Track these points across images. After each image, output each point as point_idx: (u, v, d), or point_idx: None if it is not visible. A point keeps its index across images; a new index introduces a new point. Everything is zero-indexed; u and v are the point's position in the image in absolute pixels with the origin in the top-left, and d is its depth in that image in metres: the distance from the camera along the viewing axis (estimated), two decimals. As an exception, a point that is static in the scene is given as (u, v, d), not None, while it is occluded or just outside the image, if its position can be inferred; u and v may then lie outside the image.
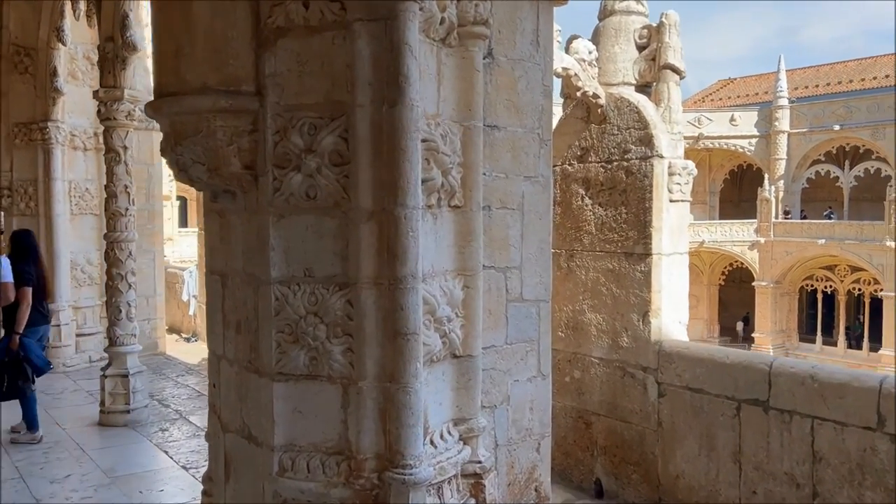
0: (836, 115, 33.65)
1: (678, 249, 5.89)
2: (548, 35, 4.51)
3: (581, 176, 6.29)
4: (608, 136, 6.07)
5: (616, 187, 6.02)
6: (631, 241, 5.93)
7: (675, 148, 5.81)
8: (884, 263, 30.94)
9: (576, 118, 6.33)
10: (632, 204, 5.90)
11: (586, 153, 6.24)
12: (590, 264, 6.25)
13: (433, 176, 2.80)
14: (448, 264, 3.00)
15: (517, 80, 4.28)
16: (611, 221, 6.07)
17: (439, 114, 2.98)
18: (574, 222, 6.36)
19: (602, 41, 6.11)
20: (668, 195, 5.76)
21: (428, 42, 2.88)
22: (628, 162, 5.92)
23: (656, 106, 5.86)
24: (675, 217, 5.83)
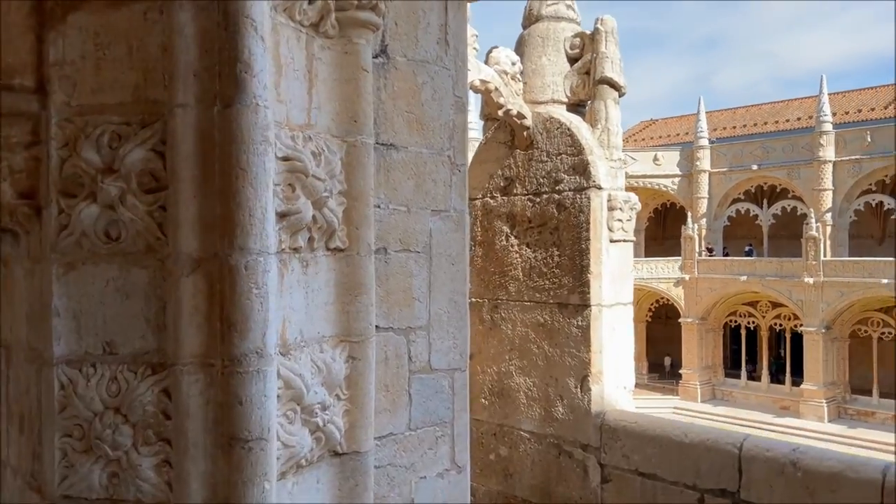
0: (754, 155, 34.21)
1: (621, 299, 4.84)
2: (459, 34, 3.42)
3: (505, 211, 5.21)
4: (536, 164, 5.01)
5: (546, 224, 4.95)
6: (565, 289, 4.85)
7: (615, 178, 4.79)
8: (803, 299, 31.22)
9: (498, 143, 5.26)
10: (565, 244, 4.84)
11: (511, 184, 5.17)
12: (517, 317, 5.13)
13: (298, 208, 2.14)
14: (325, 328, 2.34)
15: (421, 87, 3.20)
16: (541, 265, 4.99)
17: (311, 124, 2.31)
18: (498, 266, 5.25)
19: (527, 52, 5.10)
20: (607, 234, 4.72)
21: (292, 26, 2.21)
22: (560, 194, 4.87)
23: (592, 127, 4.85)
24: (616, 260, 4.79)
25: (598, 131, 4.83)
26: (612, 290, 4.76)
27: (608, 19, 4.80)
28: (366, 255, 2.44)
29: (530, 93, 5.05)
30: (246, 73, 1.84)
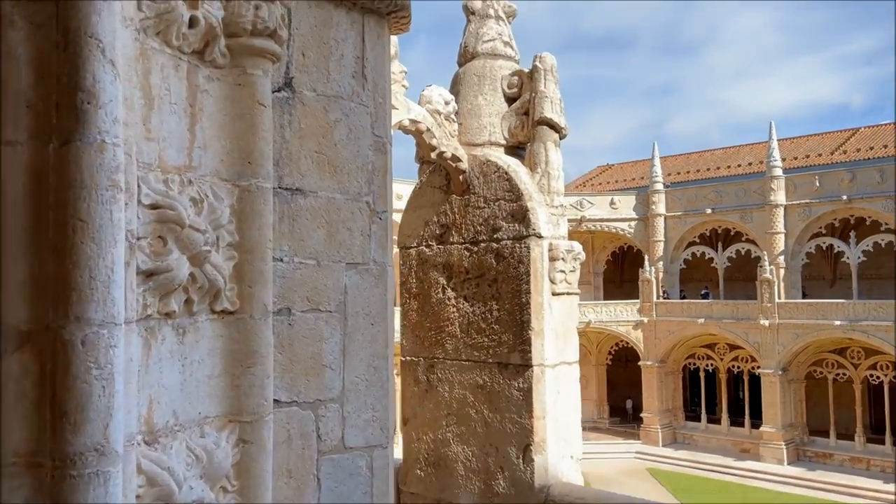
0: (708, 199, 34.60)
1: (566, 358, 4.39)
2: (379, 68, 3.00)
3: (442, 261, 4.76)
4: (473, 210, 4.59)
5: (485, 276, 4.51)
6: (505, 347, 4.39)
7: (556, 225, 4.39)
8: (759, 341, 31.30)
9: (433, 187, 4.84)
10: (505, 298, 4.40)
11: (447, 231, 4.74)
12: (455, 378, 4.64)
13: (170, 265, 1.82)
14: (208, 407, 1.99)
15: (333, 124, 2.79)
16: (479, 321, 4.53)
17: (193, 166, 2.00)
18: (435, 321, 4.78)
19: (463, 91, 4.72)
20: (549, 286, 4.30)
21: (168, 52, 1.91)
22: (499, 243, 4.44)
23: (531, 171, 4.46)
24: (560, 315, 4.36)
25: (538, 175, 4.44)
26: (555, 348, 4.31)
27: (547, 56, 4.46)
28: (261, 317, 2.09)
29: (466, 134, 4.66)
30: (89, 103, 1.53)
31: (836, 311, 29.49)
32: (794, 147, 38.81)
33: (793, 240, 31.96)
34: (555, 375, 4.31)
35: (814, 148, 38.53)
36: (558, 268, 4.32)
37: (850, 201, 30.39)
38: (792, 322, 30.42)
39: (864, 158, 34.63)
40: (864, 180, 30.31)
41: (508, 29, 4.78)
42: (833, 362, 31.36)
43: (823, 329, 29.72)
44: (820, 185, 31.32)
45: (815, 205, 31.44)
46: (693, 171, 41.43)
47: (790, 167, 34.85)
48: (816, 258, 32.70)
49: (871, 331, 28.67)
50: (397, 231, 5.13)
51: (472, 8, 4.74)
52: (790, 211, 32.02)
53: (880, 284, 31.59)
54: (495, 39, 4.69)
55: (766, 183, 32.47)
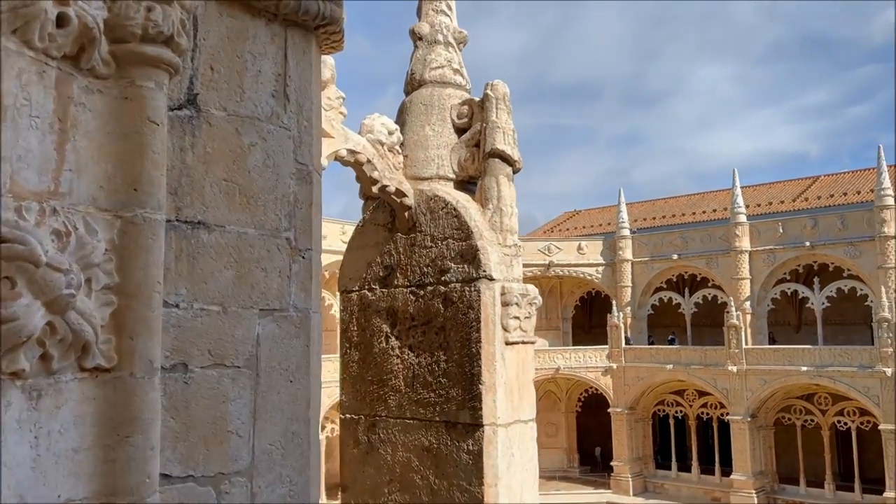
0: (674, 245, 34.69)
1: (521, 415, 3.91)
2: (305, 88, 2.59)
3: (385, 306, 4.28)
4: (420, 250, 4.14)
5: (432, 322, 4.04)
6: (454, 403, 3.89)
7: (509, 266, 3.95)
8: (727, 388, 31.03)
9: (377, 225, 4.39)
10: (453, 347, 3.92)
11: (392, 273, 4.27)
12: (398, 438, 4.12)
13: (15, 313, 1.41)
14: (72, 489, 1.55)
15: (247, 149, 2.33)
16: (426, 373, 4.04)
17: (60, 192, 1.60)
18: (377, 374, 4.27)
19: (409, 121, 4.31)
20: (502, 334, 3.84)
21: (29, 55, 1.53)
22: (447, 286, 3.99)
23: (482, 208, 4.04)
24: (514, 367, 3.89)
25: (490, 212, 4.01)
26: (509, 404, 3.83)
27: (499, 84, 4.08)
28: (145, 375, 1.74)
29: (412, 168, 4.24)
30: None
31: (802, 357, 29.42)
32: (757, 194, 39.32)
33: (758, 285, 32.04)
34: (508, 436, 3.81)
35: (776, 195, 39.06)
36: (512, 314, 3.87)
37: (813, 247, 30.63)
38: (759, 368, 30.26)
39: (824, 206, 35.13)
40: (826, 227, 30.63)
41: (459, 56, 4.41)
42: (801, 408, 31.17)
43: (791, 375, 29.59)
44: (783, 231, 31.58)
45: (779, 251, 31.64)
46: (659, 217, 41.70)
47: (754, 214, 35.18)
48: (782, 304, 32.79)
49: (837, 377, 28.59)
50: (338, 273, 4.65)
51: (419, 33, 4.37)
52: (755, 257, 32.17)
53: (845, 330, 31.71)
54: (444, 66, 4.31)
55: (730, 229, 32.66)
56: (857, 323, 31.92)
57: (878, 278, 28.82)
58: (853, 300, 30.75)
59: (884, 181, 29.19)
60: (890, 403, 27.50)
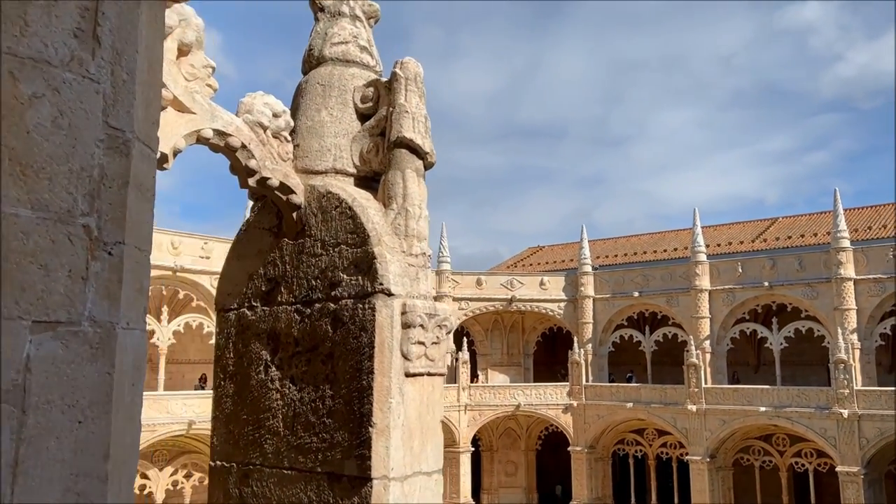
0: (635, 282, 34.31)
1: (423, 466, 3.09)
2: (129, 33, 1.72)
3: (267, 328, 3.45)
4: (308, 259, 3.34)
5: (318, 348, 3.22)
6: (339, 450, 3.06)
7: (414, 280, 3.17)
8: (687, 427, 30.40)
9: (262, 229, 3.58)
10: (341, 380, 3.10)
11: (276, 288, 3.45)
12: (273, 493, 3.26)
13: None
14: None
15: (28, 102, 1.37)
16: (308, 412, 3.20)
17: None
18: (253, 412, 3.42)
19: (304, 104, 3.54)
20: (401, 364, 3.03)
21: None
22: (337, 303, 3.18)
23: (384, 208, 3.26)
24: (415, 404, 3.08)
25: (393, 213, 3.24)
26: (406, 452, 3.01)
27: (410, 62, 3.34)
28: None
29: (304, 159, 3.45)
30: None
31: (761, 397, 28.97)
32: (717, 234, 39.31)
33: (718, 324, 31.69)
34: (405, 492, 2.98)
35: (735, 236, 39.09)
36: (415, 338, 3.07)
37: (771, 287, 30.43)
38: (719, 407, 29.72)
39: (783, 247, 35.16)
40: (784, 268, 30.51)
41: (368, 32, 3.67)
42: (759, 449, 30.62)
43: (749, 415, 29.08)
44: (742, 271, 31.38)
45: (738, 290, 31.40)
46: (621, 254, 41.44)
47: (714, 253, 35.05)
48: (741, 343, 32.45)
49: (795, 417, 28.15)
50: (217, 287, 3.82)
51: (321, 3, 3.62)
52: (714, 296, 31.89)
53: (802, 371, 31.41)
54: (348, 42, 3.57)
55: (690, 268, 32.40)
56: (814, 363, 31.67)
57: (834, 319, 28.64)
58: (811, 340, 30.52)
59: (840, 223, 29.22)
60: (846, 445, 27.08)
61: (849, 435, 27.05)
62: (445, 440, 26.14)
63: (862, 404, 26.84)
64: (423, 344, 3.12)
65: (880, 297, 28.26)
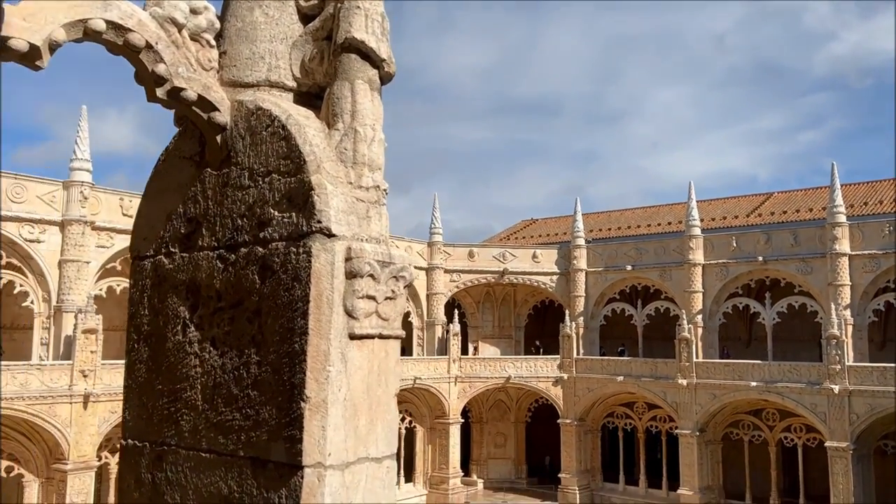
0: (628, 256, 33.74)
1: (371, 450, 2.44)
2: None
3: (185, 278, 2.78)
4: (233, 193, 2.65)
5: (243, 304, 2.55)
6: (265, 430, 2.41)
7: (364, 219, 2.49)
8: (677, 401, 30.06)
9: (182, 158, 2.89)
10: (269, 343, 2.44)
11: (197, 230, 2.77)
12: (190, 481, 2.62)
13: None
14: None
15: None
16: (231, 383, 2.54)
17: None
18: (169, 381, 2.76)
19: (234, 4, 2.83)
20: (344, 322, 2.37)
21: None
22: (266, 247, 2.50)
23: (328, 128, 2.57)
24: (362, 374, 2.42)
25: (338, 134, 2.55)
26: (349, 432, 2.36)
27: (364, -53, 2.61)
28: None
29: (232, 68, 2.75)
30: None
31: (752, 372, 28.60)
32: (712, 209, 38.66)
33: (710, 299, 31.21)
34: (346, 484, 2.34)
35: (730, 210, 38.45)
36: (363, 291, 2.40)
37: (765, 262, 29.91)
38: (709, 382, 29.35)
39: (778, 222, 34.56)
40: (778, 242, 29.95)
41: (317, -83, 2.94)
42: (749, 424, 30.33)
43: (740, 390, 28.73)
44: (737, 245, 30.83)
45: (731, 265, 30.87)
46: (614, 228, 40.79)
47: (708, 227, 34.44)
48: (733, 318, 31.99)
49: (786, 392, 27.81)
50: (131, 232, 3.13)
51: None
52: (708, 270, 31.36)
53: (793, 346, 31.01)
54: (292, -73, 2.84)
55: (684, 242, 31.83)
56: (805, 339, 31.27)
57: (828, 295, 28.16)
58: (803, 316, 30.08)
59: (836, 198, 28.61)
60: (836, 421, 26.75)
61: (839, 410, 26.72)
62: (435, 411, 25.25)
63: (853, 380, 26.49)
64: (373, 299, 2.45)
65: (875, 273, 27.77)
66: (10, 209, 21.39)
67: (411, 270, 2.60)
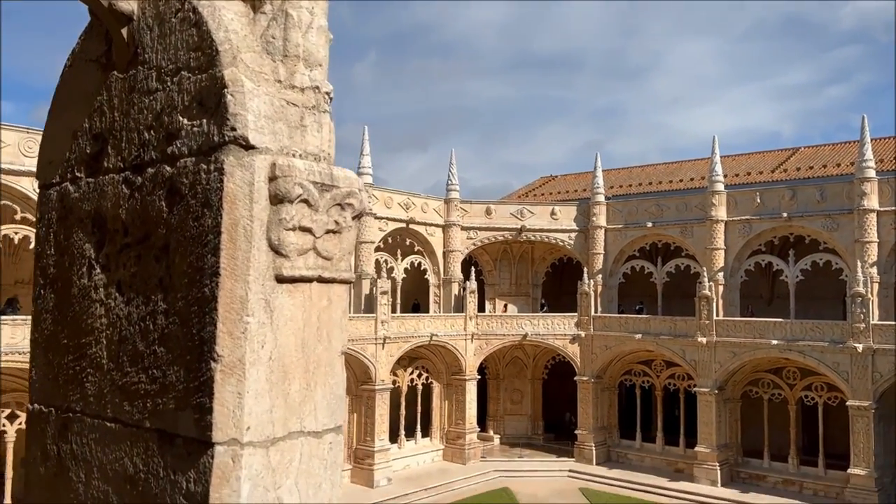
0: (649, 212, 32.85)
1: (309, 423, 1.91)
2: None
3: (91, 209, 2.24)
4: (140, 100, 2.09)
5: (150, 240, 2.01)
6: (172, 396, 1.89)
7: (298, 128, 1.92)
8: (696, 359, 29.50)
9: (88, 61, 2.32)
10: (178, 288, 1.90)
11: (104, 148, 2.22)
12: (95, 456, 2.12)
13: None
14: None
15: None
16: (137, 337, 2.02)
17: None
18: (74, 334, 2.25)
19: None
20: (269, 260, 1.82)
21: None
22: (174, 165, 1.94)
23: (252, 10, 1.98)
24: (294, 329, 1.88)
25: (265, 18, 1.96)
26: (277, 402, 1.83)
27: None
28: None
29: (140, -56, 2.16)
30: None
31: (773, 330, 27.88)
32: (736, 164, 37.44)
33: (732, 256, 30.34)
34: (272, 465, 1.82)
35: (755, 165, 37.20)
36: (294, 220, 1.85)
37: (790, 219, 28.91)
38: (730, 340, 28.71)
39: (804, 178, 33.35)
40: (804, 198, 28.88)
41: None
42: (769, 382, 29.74)
43: (760, 348, 28.08)
44: (761, 201, 29.80)
45: (755, 221, 29.90)
46: (635, 184, 39.76)
47: (731, 183, 33.35)
48: (755, 276, 31.12)
49: (808, 351, 27.12)
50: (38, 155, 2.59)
51: None
52: (730, 227, 30.43)
53: (815, 304, 30.12)
54: None
55: (707, 198, 30.84)
56: (828, 297, 30.36)
57: (854, 252, 27.18)
58: (827, 274, 29.14)
59: (866, 152, 27.38)
60: (859, 380, 26.08)
61: (862, 369, 26.02)
62: (452, 367, 24.57)
63: (877, 338, 25.70)
64: (308, 231, 1.89)
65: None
66: None
67: (363, 198, 2.03)
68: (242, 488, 1.76)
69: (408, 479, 28.83)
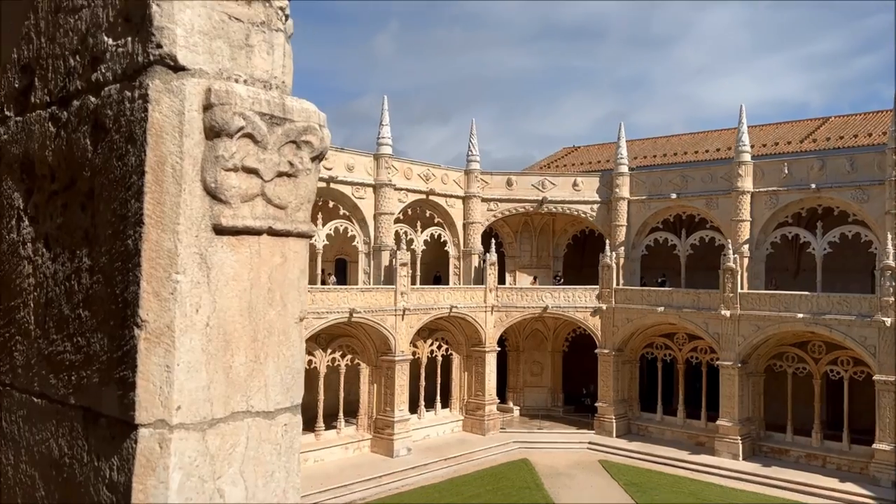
0: (673, 184, 32.08)
1: (257, 402, 1.59)
2: None
3: (20, 152, 1.92)
4: (66, 20, 1.75)
5: (76, 185, 1.69)
6: (96, 368, 1.58)
7: (242, 48, 1.57)
8: (719, 332, 28.95)
9: (15, -17, 1.99)
10: (102, 240, 1.57)
11: (32, 80, 1.89)
12: (24, 436, 1.83)
13: None
14: None
15: None
16: (62, 299, 1.71)
17: None
18: (5, 296, 1.95)
19: None
20: (205, 207, 1.48)
21: None
22: (99, 95, 1.61)
23: None
24: (238, 289, 1.55)
25: (202, -86, 1.60)
26: (215, 376, 1.51)
27: None
28: None
29: None
30: None
31: (799, 304, 27.19)
32: (763, 134, 36.36)
33: (758, 228, 29.55)
34: (210, 450, 1.51)
35: (783, 136, 36.10)
36: (235, 158, 1.51)
37: (818, 190, 28.01)
38: (754, 313, 28.08)
39: (833, 148, 32.27)
40: (833, 169, 27.93)
41: None
42: (793, 356, 29.12)
43: (785, 321, 27.42)
44: (788, 172, 28.89)
45: (782, 193, 29.03)
46: (660, 155, 38.86)
47: (758, 154, 32.41)
48: (781, 248, 30.34)
49: (834, 325, 26.42)
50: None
51: None
52: (757, 198, 29.59)
53: (843, 277, 29.31)
54: None
55: (733, 168, 29.98)
56: (856, 270, 29.52)
57: (884, 224, 26.28)
58: (855, 247, 28.28)
59: (901, 120, 26.29)
60: (886, 354, 25.39)
61: (890, 344, 25.31)
62: (472, 339, 24.41)
63: (907, 313, 24.93)
64: (255, 173, 1.56)
65: (938, 201, 25.70)
66: None
67: (324, 135, 1.69)
68: (172, 478, 1.46)
69: (427, 449, 28.86)
